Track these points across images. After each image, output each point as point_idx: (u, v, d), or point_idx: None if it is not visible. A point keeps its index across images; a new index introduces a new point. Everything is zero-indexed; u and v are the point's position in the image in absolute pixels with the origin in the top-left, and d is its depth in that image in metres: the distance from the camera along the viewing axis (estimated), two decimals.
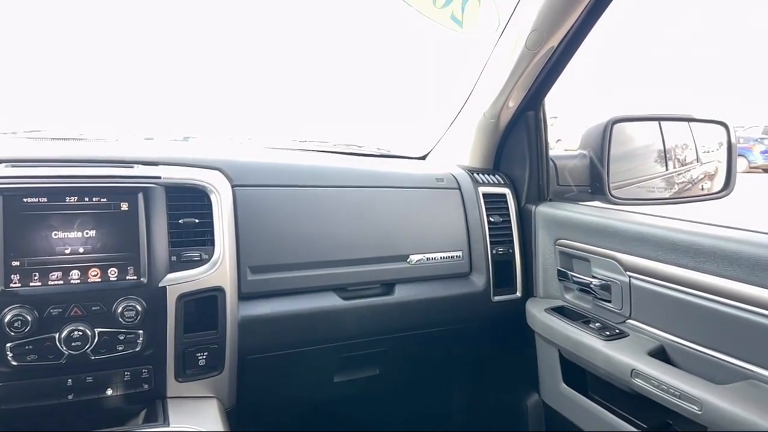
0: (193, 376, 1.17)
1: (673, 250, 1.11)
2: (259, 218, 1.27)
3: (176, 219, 1.16)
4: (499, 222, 1.53)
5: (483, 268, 1.49)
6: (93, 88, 1.96)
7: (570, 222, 1.41)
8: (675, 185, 1.68)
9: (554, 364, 1.41)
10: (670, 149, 1.66)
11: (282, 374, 1.39)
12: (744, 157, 14.98)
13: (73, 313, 1.04)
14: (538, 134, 1.56)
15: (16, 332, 0.99)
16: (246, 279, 1.23)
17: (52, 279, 1.04)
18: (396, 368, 1.57)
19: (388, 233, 1.41)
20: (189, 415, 1.10)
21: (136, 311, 1.07)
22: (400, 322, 1.42)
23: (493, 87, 1.52)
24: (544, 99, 1.54)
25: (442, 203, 1.50)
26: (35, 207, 1.05)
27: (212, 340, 1.18)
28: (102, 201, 1.09)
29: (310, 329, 1.32)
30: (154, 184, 1.14)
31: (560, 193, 1.59)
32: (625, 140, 1.55)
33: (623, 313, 1.25)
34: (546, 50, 1.37)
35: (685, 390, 1.02)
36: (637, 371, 1.11)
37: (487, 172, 1.61)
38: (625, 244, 1.23)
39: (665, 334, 1.15)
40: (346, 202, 1.39)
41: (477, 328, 1.55)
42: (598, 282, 1.30)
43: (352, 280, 1.36)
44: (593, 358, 1.23)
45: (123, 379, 1.10)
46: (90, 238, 1.07)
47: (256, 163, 1.38)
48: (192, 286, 1.14)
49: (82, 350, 1.04)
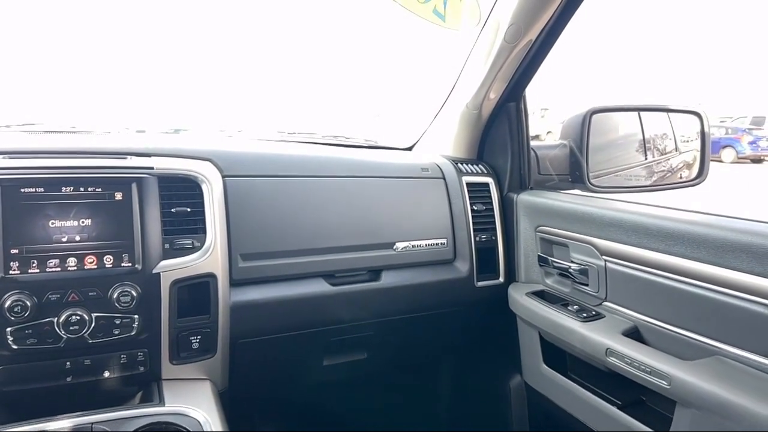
0: (186, 359, 1.21)
1: (645, 235, 1.15)
2: (249, 207, 1.30)
3: (169, 208, 1.19)
4: (482, 210, 1.57)
5: (467, 254, 1.53)
6: (84, 82, 1.99)
7: (550, 210, 1.45)
8: (654, 174, 1.72)
9: (535, 346, 1.46)
10: (650, 139, 1.70)
11: (273, 357, 1.43)
12: (732, 148, 15.07)
13: (71, 298, 1.08)
14: (520, 125, 1.60)
15: (16, 317, 1.03)
16: (237, 266, 1.27)
17: (50, 266, 1.07)
18: (383, 352, 1.62)
19: (374, 221, 1.44)
20: (183, 397, 1.13)
21: (131, 296, 1.11)
22: (386, 307, 1.46)
23: (474, 79, 1.56)
24: (525, 91, 1.58)
25: (427, 192, 1.54)
26: (32, 197, 1.07)
27: (205, 325, 1.22)
28: (97, 191, 1.12)
29: (299, 314, 1.36)
30: (147, 175, 1.17)
31: (541, 182, 1.63)
32: (605, 130, 1.59)
33: (599, 296, 1.30)
34: (524, 43, 1.41)
35: (655, 366, 1.06)
36: (612, 350, 1.16)
37: (470, 162, 1.65)
38: (601, 229, 1.27)
39: (638, 314, 1.20)
40: (333, 191, 1.42)
41: (461, 312, 1.59)
42: (576, 266, 1.35)
43: (340, 266, 1.40)
44: (571, 339, 1.28)
45: (119, 362, 1.14)
46: (86, 226, 1.11)
47: (245, 153, 1.41)
48: (185, 273, 1.18)
49: (80, 334, 1.08)
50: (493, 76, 1.51)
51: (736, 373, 0.97)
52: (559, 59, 1.53)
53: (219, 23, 7.63)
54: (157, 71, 2.79)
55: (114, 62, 2.74)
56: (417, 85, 2.18)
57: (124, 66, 2.80)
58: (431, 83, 1.82)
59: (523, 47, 1.43)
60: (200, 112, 2.05)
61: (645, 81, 22.75)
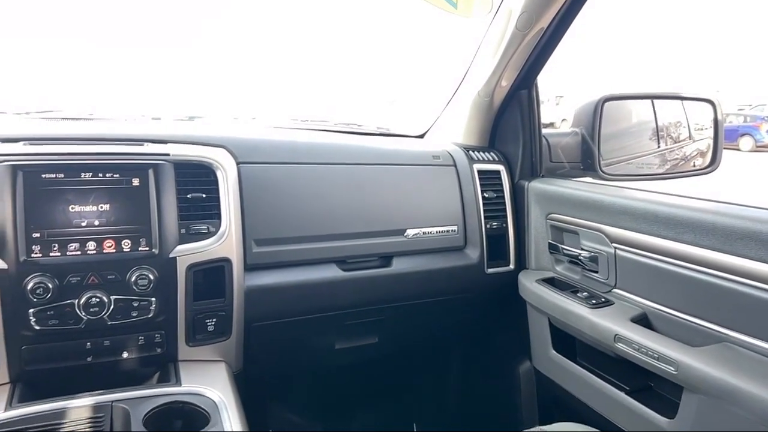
0: (202, 341, 1.24)
1: (655, 222, 1.16)
2: (263, 194, 1.32)
3: (184, 194, 1.21)
4: (493, 197, 1.58)
5: (477, 241, 1.55)
6: (101, 70, 2.02)
7: (561, 197, 1.46)
8: (667, 162, 1.71)
9: (544, 332, 1.48)
10: (663, 127, 1.69)
11: (286, 341, 1.45)
12: (751, 136, 14.83)
13: (91, 281, 1.11)
14: (531, 112, 1.60)
15: (38, 298, 1.06)
16: (251, 251, 1.29)
17: (70, 249, 1.10)
18: (394, 336, 1.64)
19: (386, 208, 1.46)
20: (199, 377, 1.16)
21: (148, 280, 1.14)
22: (397, 292, 1.48)
23: (486, 67, 1.56)
24: (537, 78, 1.58)
25: (439, 180, 1.55)
26: (53, 182, 1.10)
27: (220, 308, 1.24)
28: (115, 177, 1.15)
29: (311, 299, 1.38)
30: (163, 161, 1.20)
31: (553, 170, 1.63)
32: (617, 118, 1.59)
33: (609, 283, 1.31)
34: (536, 31, 1.41)
35: (662, 352, 1.08)
36: (620, 336, 1.17)
37: (482, 149, 1.66)
38: (611, 217, 1.28)
39: (647, 301, 1.21)
40: (346, 178, 1.43)
41: (471, 298, 1.60)
42: (586, 254, 1.36)
43: (352, 252, 1.41)
44: (580, 326, 1.29)
45: (137, 343, 1.17)
46: (104, 211, 1.13)
47: (259, 141, 1.43)
48: (200, 257, 1.20)
49: (100, 316, 1.11)
50: (505, 63, 1.52)
51: (744, 360, 0.98)
52: (573, 46, 1.52)
53: (232, 10, 7.65)
54: (172, 59, 2.82)
55: (130, 50, 2.77)
56: (429, 72, 2.18)
57: (139, 54, 2.82)
58: (443, 71, 1.83)
59: (534, 35, 1.43)
60: (214, 99, 2.07)
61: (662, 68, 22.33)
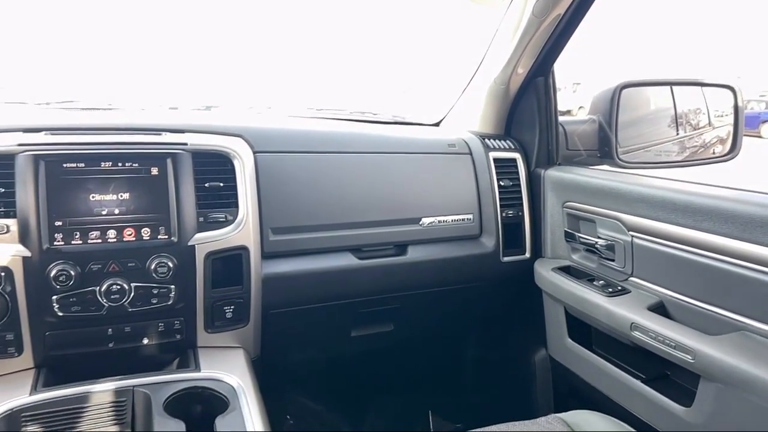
0: (221, 328, 1.26)
1: (672, 210, 1.15)
2: (279, 182, 1.33)
3: (202, 183, 1.22)
4: (509, 186, 1.58)
5: (493, 230, 1.54)
6: (118, 60, 2.03)
7: (577, 185, 1.45)
8: (686, 149, 1.70)
9: (560, 320, 1.48)
10: (682, 114, 1.67)
11: (303, 328, 1.47)
12: None
13: (111, 268, 1.13)
14: (548, 100, 1.59)
15: (61, 285, 1.08)
16: (268, 239, 1.30)
17: (91, 238, 1.12)
18: (409, 324, 1.65)
19: (401, 197, 1.46)
20: (218, 363, 1.18)
21: (168, 268, 1.16)
22: (412, 280, 1.49)
23: (502, 54, 1.55)
24: (553, 65, 1.57)
25: (454, 168, 1.54)
26: (74, 172, 1.12)
27: (238, 295, 1.26)
28: (134, 166, 1.17)
29: (327, 286, 1.39)
30: (181, 150, 1.21)
31: (569, 158, 1.63)
32: (635, 105, 1.58)
33: (626, 271, 1.31)
34: (552, 18, 1.40)
35: (679, 341, 1.07)
36: (636, 324, 1.17)
37: (498, 137, 1.65)
38: (628, 205, 1.27)
39: (665, 289, 1.20)
40: (361, 167, 1.44)
41: (487, 287, 1.61)
42: (602, 242, 1.35)
43: (367, 241, 1.42)
44: (596, 314, 1.29)
45: (157, 330, 1.19)
46: (124, 200, 1.15)
47: (275, 130, 1.44)
48: (218, 245, 1.22)
49: (120, 303, 1.13)
50: (521, 50, 1.50)
51: (762, 349, 0.97)
52: (591, 32, 1.51)
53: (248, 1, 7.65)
54: (188, 49, 2.83)
55: (146, 40, 2.80)
56: (445, 60, 2.17)
57: (156, 44, 2.86)
58: (459, 59, 1.82)
59: (551, 21, 1.42)
60: (230, 89, 2.08)
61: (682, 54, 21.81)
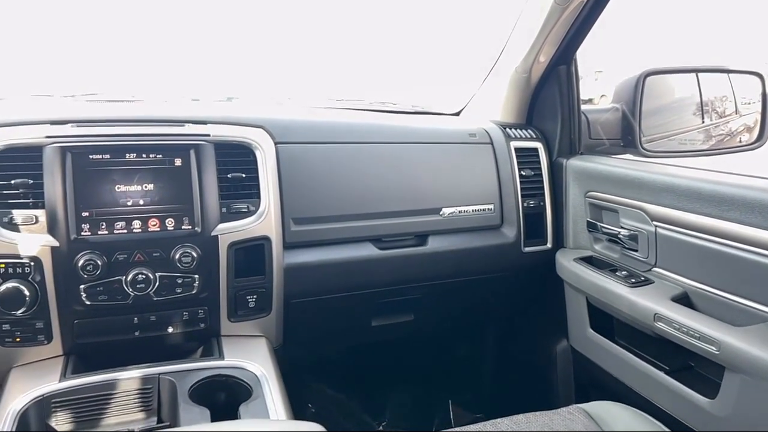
0: (243, 317, 1.28)
1: (698, 199, 1.14)
2: (301, 173, 1.34)
3: (225, 174, 1.24)
4: (530, 175, 1.57)
5: (514, 220, 1.54)
6: (139, 53, 2.05)
7: (600, 174, 1.44)
8: (712, 138, 1.67)
9: (582, 311, 1.47)
10: (708, 102, 1.65)
11: (324, 317, 1.48)
12: None
13: (137, 258, 1.15)
14: (570, 88, 1.57)
15: (88, 275, 1.11)
16: (289, 229, 1.31)
17: (117, 228, 1.14)
18: (430, 315, 1.65)
19: (421, 187, 1.46)
20: (241, 351, 1.20)
21: (191, 257, 1.17)
22: (433, 271, 1.49)
23: (524, 42, 1.53)
24: (576, 53, 1.55)
25: (475, 158, 1.54)
26: (100, 163, 1.14)
27: (260, 285, 1.28)
28: (158, 157, 1.18)
29: (348, 276, 1.40)
30: (204, 142, 1.22)
31: (592, 147, 1.61)
32: (659, 93, 1.55)
33: (649, 262, 1.29)
34: (575, 5, 1.38)
35: (704, 332, 1.06)
36: (660, 315, 1.16)
37: (519, 126, 1.64)
38: (652, 194, 1.26)
39: (689, 280, 1.19)
40: (381, 157, 1.44)
41: (508, 277, 1.60)
42: (625, 232, 1.34)
43: (388, 231, 1.43)
44: (619, 305, 1.28)
45: (182, 319, 1.22)
46: (148, 191, 1.17)
47: (296, 121, 1.44)
48: (241, 235, 1.23)
49: (146, 292, 1.15)
50: (543, 38, 1.49)
51: None
52: (615, 18, 1.48)
53: None
54: (209, 41, 2.85)
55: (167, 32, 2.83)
56: (465, 49, 2.16)
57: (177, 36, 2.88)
58: (479, 47, 1.80)
59: (574, 9, 1.39)
60: (251, 80, 2.09)
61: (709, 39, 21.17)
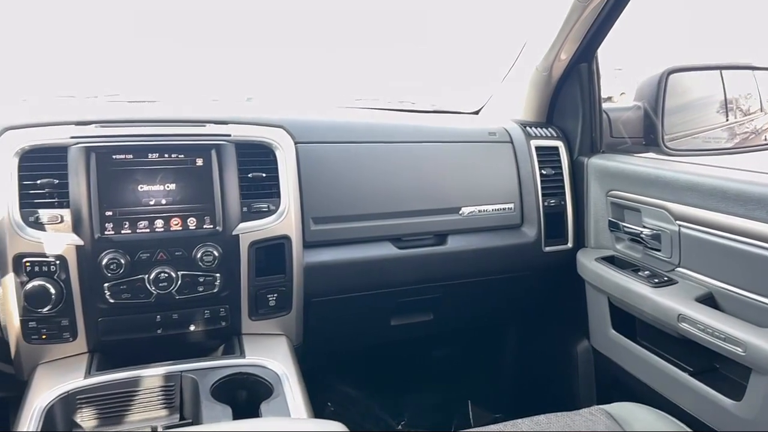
0: (264, 315, 1.28)
1: (723, 199, 1.12)
2: (320, 173, 1.35)
3: (246, 173, 1.24)
4: (551, 174, 1.56)
5: (534, 219, 1.53)
6: (159, 54, 2.08)
7: (622, 173, 1.42)
8: (736, 136, 1.65)
9: (603, 311, 1.45)
10: (732, 99, 1.63)
11: (343, 316, 1.49)
12: None
13: (159, 257, 1.16)
14: (591, 86, 1.55)
15: (112, 273, 1.12)
16: (309, 229, 1.32)
17: (140, 227, 1.15)
18: (450, 314, 1.65)
19: (441, 186, 1.46)
20: (262, 350, 1.21)
21: (213, 256, 1.18)
22: (452, 270, 1.49)
23: (545, 40, 1.52)
24: (597, 51, 1.53)
25: (495, 157, 1.53)
26: (123, 163, 1.15)
27: (281, 283, 1.28)
28: (180, 157, 1.19)
29: (367, 276, 1.40)
30: (225, 141, 1.23)
31: (613, 145, 1.59)
32: (682, 91, 1.53)
33: (672, 262, 1.28)
34: (597, 2, 1.36)
35: (730, 333, 1.04)
36: (684, 316, 1.14)
37: (539, 125, 1.63)
38: (676, 193, 1.24)
39: (714, 280, 1.17)
40: (400, 156, 1.44)
41: (528, 277, 1.59)
42: (648, 231, 1.32)
43: (407, 230, 1.43)
44: (641, 305, 1.27)
45: (203, 317, 1.22)
46: (171, 191, 1.18)
47: (315, 121, 1.45)
48: (262, 235, 1.24)
49: (168, 290, 1.16)
50: (565, 36, 1.47)
51: None
52: (634, 15, 1.46)
53: None
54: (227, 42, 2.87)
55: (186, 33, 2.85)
56: (484, 47, 2.15)
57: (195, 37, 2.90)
58: (499, 45, 1.79)
59: (596, 6, 1.38)
60: (269, 80, 2.11)
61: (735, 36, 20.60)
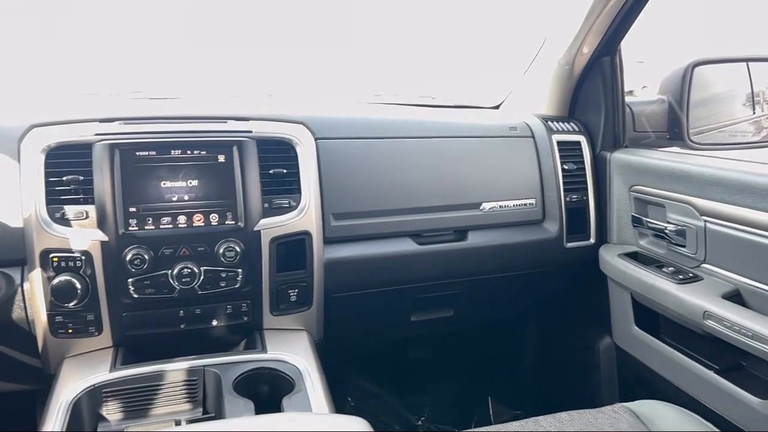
0: (285, 311, 1.29)
1: (750, 194, 1.10)
2: (340, 169, 1.35)
3: (267, 169, 1.25)
4: (573, 169, 1.54)
5: (556, 215, 1.51)
6: (180, 51, 2.09)
7: (646, 168, 1.40)
8: (764, 129, 1.62)
9: (626, 308, 1.44)
10: (759, 92, 1.60)
11: (364, 311, 1.49)
12: None
13: (182, 253, 1.17)
14: (614, 80, 1.53)
15: (136, 269, 1.14)
16: (330, 224, 1.33)
17: (163, 223, 1.17)
18: (470, 310, 1.64)
19: (461, 182, 1.45)
20: (283, 345, 1.22)
21: (235, 252, 1.19)
22: (473, 266, 1.48)
23: (567, 33, 1.50)
24: (620, 44, 1.51)
25: (516, 152, 1.52)
26: (146, 159, 1.17)
27: (301, 279, 1.29)
28: (202, 153, 1.20)
29: (387, 271, 1.40)
30: (246, 138, 1.24)
31: (636, 140, 1.57)
32: (707, 84, 1.51)
33: (698, 258, 1.26)
34: None
35: (757, 330, 1.03)
36: (710, 313, 1.12)
37: (561, 119, 1.61)
38: (701, 188, 1.22)
39: (741, 277, 1.15)
40: (421, 152, 1.44)
41: (550, 273, 1.58)
42: (672, 227, 1.30)
43: (427, 226, 1.42)
44: (665, 301, 1.25)
45: (226, 312, 1.24)
46: (193, 187, 1.19)
47: (335, 116, 1.45)
48: (283, 230, 1.25)
49: (191, 285, 1.17)
50: (587, 29, 1.45)
51: None
52: (659, 6, 1.44)
53: None
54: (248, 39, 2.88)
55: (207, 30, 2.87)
56: (505, 41, 2.13)
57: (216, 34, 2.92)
58: (520, 39, 1.78)
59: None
60: (289, 76, 2.11)
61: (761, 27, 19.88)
